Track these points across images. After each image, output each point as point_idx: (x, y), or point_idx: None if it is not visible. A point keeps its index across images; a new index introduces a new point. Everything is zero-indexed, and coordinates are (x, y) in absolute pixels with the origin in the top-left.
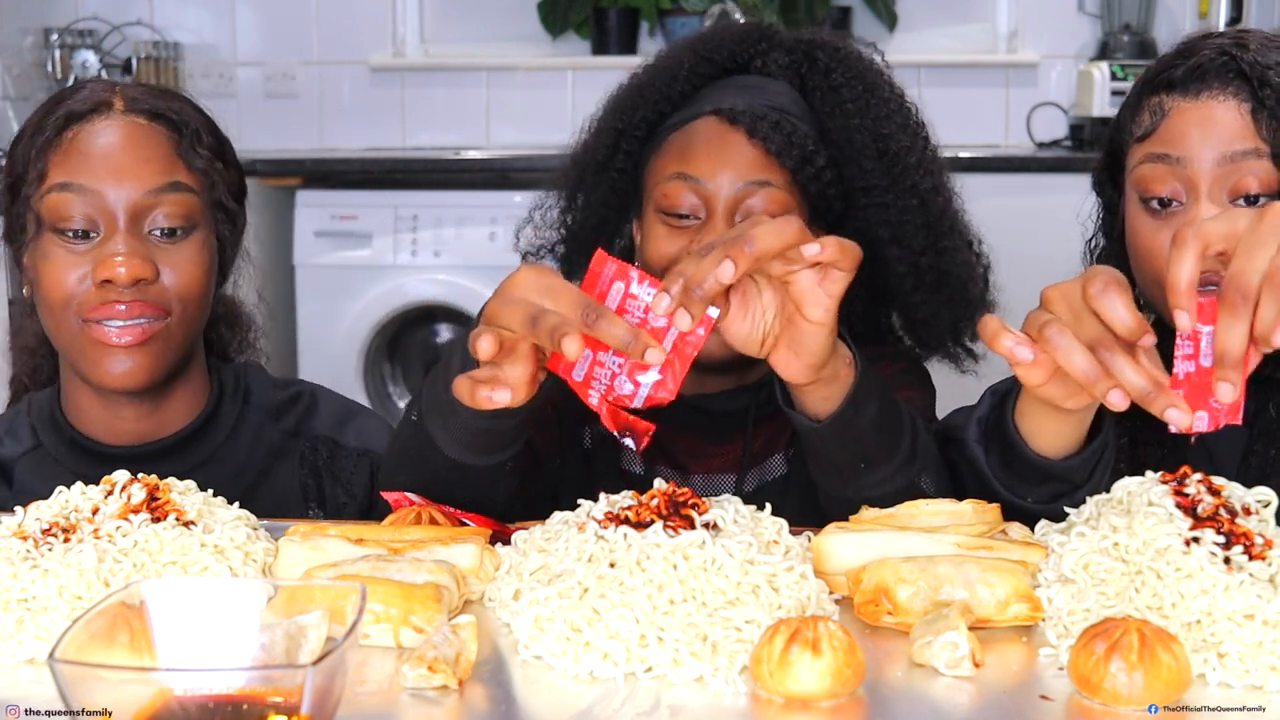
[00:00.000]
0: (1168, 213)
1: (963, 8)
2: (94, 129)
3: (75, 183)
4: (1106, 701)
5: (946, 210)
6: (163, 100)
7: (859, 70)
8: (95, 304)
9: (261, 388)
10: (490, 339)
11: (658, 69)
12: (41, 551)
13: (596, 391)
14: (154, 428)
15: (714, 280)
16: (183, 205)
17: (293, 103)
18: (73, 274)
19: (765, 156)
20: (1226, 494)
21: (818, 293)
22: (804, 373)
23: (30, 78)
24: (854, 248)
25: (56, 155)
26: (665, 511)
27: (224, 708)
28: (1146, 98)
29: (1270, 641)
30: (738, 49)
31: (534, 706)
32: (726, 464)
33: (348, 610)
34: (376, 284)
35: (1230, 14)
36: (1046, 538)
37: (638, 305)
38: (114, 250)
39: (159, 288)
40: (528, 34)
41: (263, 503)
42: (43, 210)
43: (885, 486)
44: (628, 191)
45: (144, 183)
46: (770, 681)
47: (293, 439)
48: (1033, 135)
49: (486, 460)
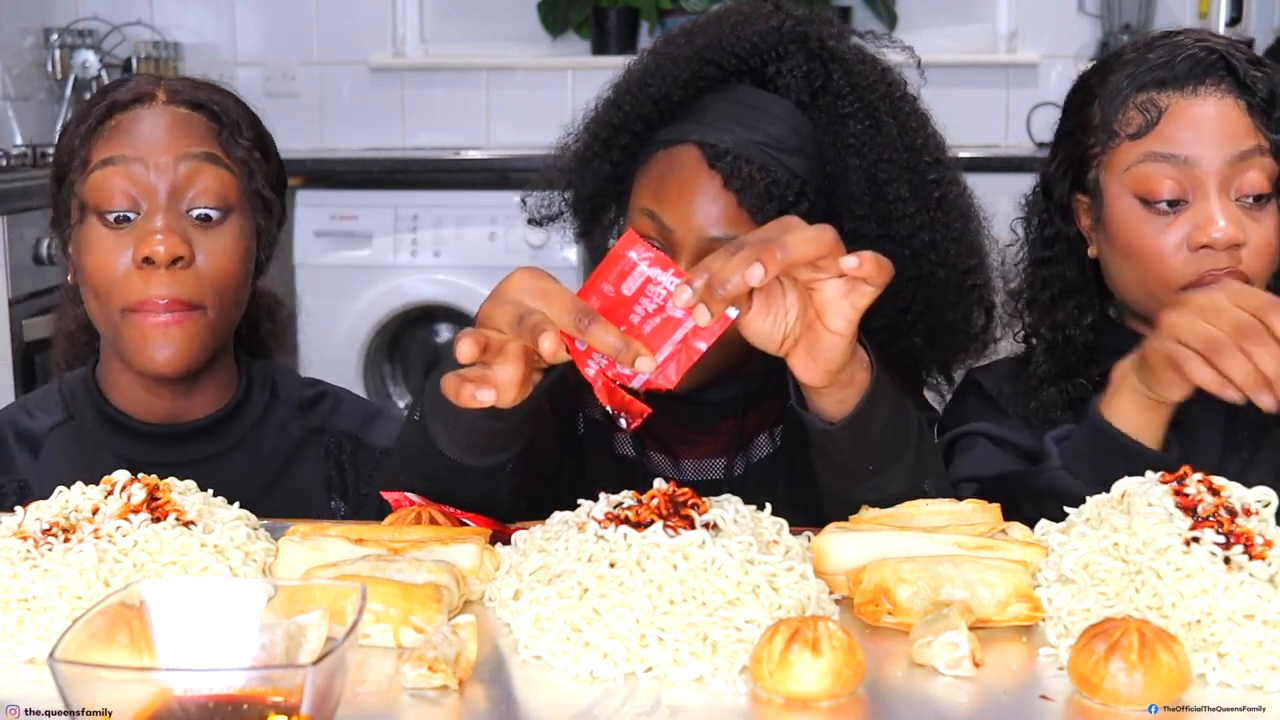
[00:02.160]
0: (1174, 212)
1: (963, 8)
2: (137, 115)
3: (117, 155)
4: (1106, 701)
5: (946, 261)
6: (205, 92)
7: (871, 102)
8: (136, 292)
9: (288, 383)
10: (470, 342)
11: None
12: (41, 551)
13: (596, 365)
14: (186, 409)
15: (740, 281)
16: (220, 181)
17: (293, 103)
18: (116, 258)
19: (737, 209)
20: (1226, 494)
21: (843, 304)
22: (820, 378)
23: (30, 78)
24: (888, 265)
25: (99, 141)
26: (665, 511)
27: (224, 708)
28: (1132, 95)
29: (1270, 641)
30: (751, 55)
31: (534, 706)
32: (716, 449)
33: (348, 610)
34: (376, 284)
35: (1230, 14)
36: (1046, 538)
37: (659, 291)
38: (152, 228)
39: (195, 274)
40: (528, 34)
41: (287, 491)
42: (86, 193)
43: (890, 489)
44: (622, 180)
45: (183, 153)
46: (770, 681)
47: (317, 433)
48: (1033, 135)
49: (486, 461)
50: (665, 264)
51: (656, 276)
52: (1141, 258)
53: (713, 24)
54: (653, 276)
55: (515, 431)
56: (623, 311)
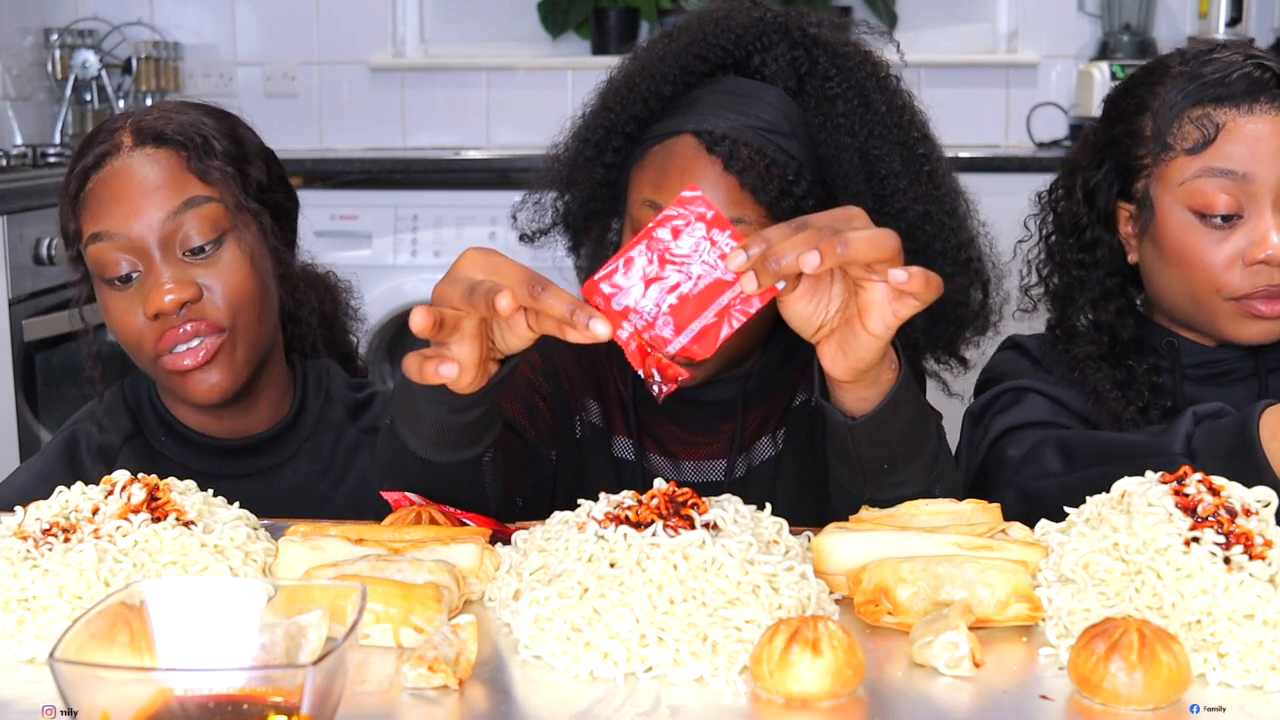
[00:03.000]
0: (1228, 227)
1: (963, 8)
2: (107, 175)
3: (103, 231)
4: (1106, 701)
5: (941, 233)
6: (169, 122)
7: (858, 81)
8: (158, 341)
9: (340, 388)
10: (424, 312)
11: (651, 59)
12: (41, 551)
13: (631, 326)
14: (247, 425)
15: (794, 261)
16: (206, 218)
17: (293, 103)
18: (130, 318)
19: (740, 191)
20: (1226, 494)
21: (885, 309)
22: (848, 374)
23: (30, 78)
24: (937, 282)
25: (85, 212)
26: (665, 511)
27: (224, 708)
28: (1187, 109)
29: (1270, 641)
30: (736, 47)
31: (534, 706)
32: (717, 451)
33: (348, 610)
34: (376, 284)
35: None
36: (1046, 538)
37: (713, 251)
38: (155, 283)
39: (208, 305)
40: (528, 34)
41: (347, 495)
42: (89, 263)
43: (904, 489)
44: (616, 184)
45: (162, 209)
46: (770, 681)
47: (370, 435)
48: (1033, 135)
49: (457, 457)
50: (724, 225)
51: (714, 235)
52: (1193, 269)
53: (695, 23)
54: (710, 235)
55: (482, 425)
56: (673, 266)
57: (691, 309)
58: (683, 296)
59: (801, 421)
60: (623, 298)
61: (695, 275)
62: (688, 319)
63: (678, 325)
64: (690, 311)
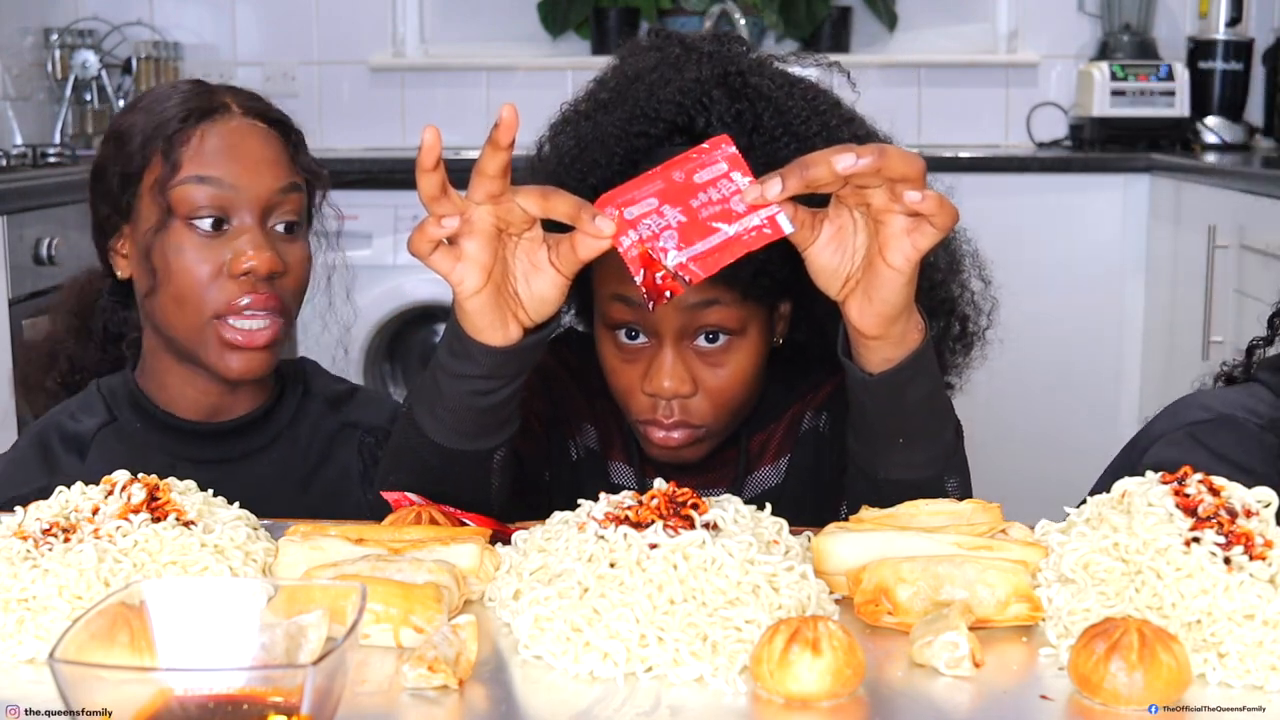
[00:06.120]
0: None
1: (963, 8)
2: (222, 127)
3: (212, 176)
4: (1106, 701)
5: None
6: (269, 106)
7: (805, 137)
8: (231, 300)
9: (319, 381)
10: (432, 132)
11: (589, 142)
12: (41, 551)
13: (636, 235)
14: (229, 407)
15: (826, 168)
16: (298, 204)
17: (292, 103)
18: (206, 267)
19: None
20: (1226, 494)
21: (904, 241)
22: (875, 323)
23: (30, 78)
24: (952, 209)
25: (185, 149)
26: (665, 511)
27: (224, 708)
28: None
29: (1270, 641)
30: (677, 115)
31: (534, 706)
32: (718, 479)
33: (348, 610)
34: (376, 284)
35: (1230, 14)
36: (1046, 538)
37: (731, 186)
38: (250, 243)
39: (283, 285)
40: (528, 34)
41: (324, 484)
42: (175, 200)
43: (915, 472)
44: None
45: (271, 181)
46: (770, 681)
47: (350, 428)
48: (1033, 135)
49: (472, 445)
50: (745, 169)
51: (733, 175)
52: None
53: (629, 91)
54: (729, 174)
55: (502, 413)
56: (686, 195)
57: (699, 230)
58: (693, 217)
59: (808, 447)
60: (634, 209)
61: (709, 199)
62: (693, 239)
63: (682, 241)
64: (696, 233)
